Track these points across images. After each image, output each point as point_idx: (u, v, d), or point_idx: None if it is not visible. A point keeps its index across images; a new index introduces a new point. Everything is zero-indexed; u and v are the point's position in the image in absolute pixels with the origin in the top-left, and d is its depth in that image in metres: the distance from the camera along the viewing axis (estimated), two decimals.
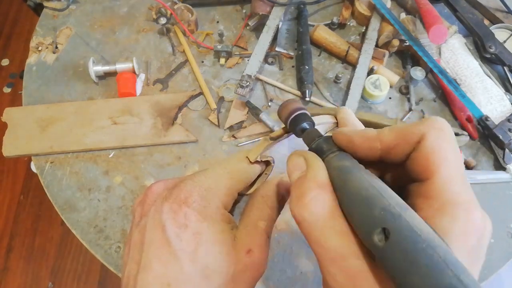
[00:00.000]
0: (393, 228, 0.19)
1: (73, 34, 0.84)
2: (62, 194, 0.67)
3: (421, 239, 0.19)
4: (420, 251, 0.18)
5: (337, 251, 0.22)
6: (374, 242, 0.20)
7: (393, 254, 0.19)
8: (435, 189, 0.23)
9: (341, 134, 0.27)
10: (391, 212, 0.20)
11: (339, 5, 0.88)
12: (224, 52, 0.79)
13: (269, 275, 0.61)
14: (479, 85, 0.74)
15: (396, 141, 0.25)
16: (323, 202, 0.24)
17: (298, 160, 0.27)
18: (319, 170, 0.25)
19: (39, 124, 0.72)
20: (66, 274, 1.49)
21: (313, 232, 0.23)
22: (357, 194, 0.22)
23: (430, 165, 0.23)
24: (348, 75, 0.79)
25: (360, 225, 0.22)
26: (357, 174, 0.24)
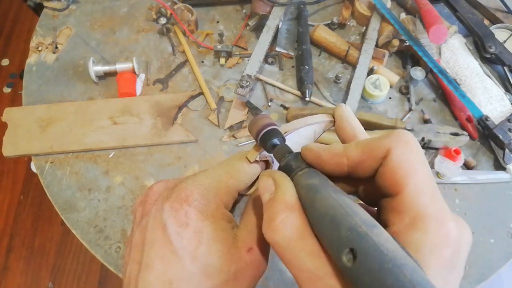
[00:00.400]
0: (359, 248, 0.19)
1: (73, 34, 0.84)
2: (62, 194, 0.67)
3: (387, 258, 0.18)
4: (386, 271, 0.18)
5: (310, 271, 0.22)
6: (343, 262, 0.20)
7: (361, 274, 0.19)
8: (404, 203, 0.22)
9: (308, 150, 0.27)
10: (357, 231, 0.20)
11: (339, 5, 0.88)
12: (224, 52, 0.79)
13: (269, 275, 0.61)
14: (479, 85, 0.74)
15: (362, 157, 0.25)
16: (291, 224, 0.23)
17: (268, 181, 0.26)
18: (287, 191, 0.25)
19: (39, 124, 0.72)
20: (66, 274, 1.49)
21: (286, 254, 0.23)
22: (324, 214, 0.22)
23: (398, 180, 0.23)
24: (348, 75, 0.79)
25: (329, 245, 0.22)
26: (324, 193, 0.23)
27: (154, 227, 0.28)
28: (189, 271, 0.26)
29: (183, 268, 0.26)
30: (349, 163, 0.25)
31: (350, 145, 0.25)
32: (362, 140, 0.25)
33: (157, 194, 0.31)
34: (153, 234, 0.28)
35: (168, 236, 0.27)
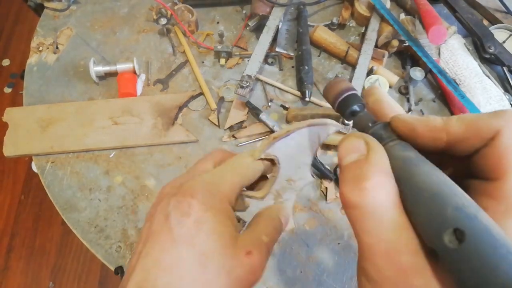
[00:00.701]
0: (469, 230, 0.18)
1: (74, 34, 0.84)
2: (62, 194, 0.68)
3: (500, 243, 0.17)
4: (500, 257, 0.17)
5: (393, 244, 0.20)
6: (444, 242, 0.18)
7: (468, 258, 0.17)
8: (504, 190, 0.21)
9: (402, 121, 0.24)
10: (465, 212, 0.18)
11: (339, 5, 0.88)
12: (224, 53, 0.79)
13: (269, 275, 0.62)
14: (478, 85, 0.75)
15: (466, 134, 0.22)
16: (388, 191, 0.22)
17: (357, 142, 0.24)
18: (383, 156, 0.23)
19: (39, 124, 0.72)
20: (67, 274, 1.49)
21: (368, 221, 0.21)
22: (425, 189, 0.20)
23: (503, 165, 0.21)
24: (347, 75, 0.80)
25: (426, 223, 0.20)
26: (425, 168, 0.21)
27: (159, 220, 0.28)
28: (185, 258, 0.26)
29: (179, 255, 0.26)
30: (449, 139, 0.23)
31: (451, 119, 0.23)
32: (466, 116, 0.23)
33: (165, 193, 0.32)
34: (157, 225, 0.28)
35: (170, 225, 0.27)
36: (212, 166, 0.34)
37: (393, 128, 0.25)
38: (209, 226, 0.27)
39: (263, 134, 0.73)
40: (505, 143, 0.21)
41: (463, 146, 0.23)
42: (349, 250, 0.64)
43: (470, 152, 0.23)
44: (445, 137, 0.23)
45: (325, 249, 0.64)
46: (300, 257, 0.63)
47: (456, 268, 0.18)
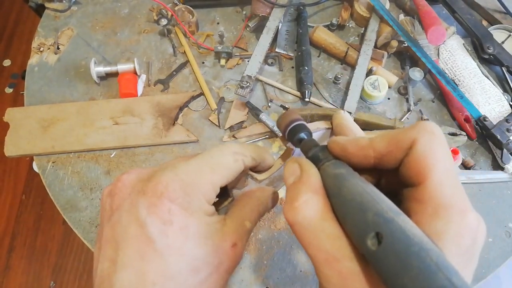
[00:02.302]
0: (386, 232, 0.20)
1: (75, 35, 0.85)
2: (63, 193, 0.68)
3: (414, 242, 0.19)
4: (412, 254, 0.19)
5: (329, 253, 0.22)
6: (367, 246, 0.20)
7: (386, 257, 0.19)
8: (428, 193, 0.23)
9: (335, 143, 0.28)
10: (384, 216, 0.21)
11: (338, 6, 0.88)
12: (225, 53, 0.80)
13: (269, 274, 0.62)
14: (477, 85, 0.75)
15: (388, 148, 0.25)
16: (315, 205, 0.24)
17: (293, 166, 0.27)
18: (312, 175, 0.26)
19: (41, 124, 0.72)
20: (68, 273, 1.50)
21: (306, 235, 0.24)
22: (351, 200, 0.23)
23: (422, 169, 0.23)
24: (347, 75, 0.80)
25: (353, 230, 0.22)
26: (352, 181, 0.24)
27: (129, 223, 0.26)
28: (175, 269, 0.25)
29: (168, 267, 0.25)
30: (375, 155, 0.26)
31: (376, 137, 0.26)
32: (388, 132, 0.26)
33: (130, 186, 0.29)
34: (129, 230, 0.26)
35: (149, 234, 0.25)
36: None
37: (329, 149, 0.29)
38: (194, 231, 0.27)
39: (263, 134, 0.73)
40: (420, 149, 0.24)
41: (388, 159, 0.25)
42: None
43: (396, 164, 0.25)
44: (372, 153, 0.26)
45: None
46: (300, 256, 0.63)
47: (379, 268, 0.20)
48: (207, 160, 0.30)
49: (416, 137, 0.24)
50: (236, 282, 0.61)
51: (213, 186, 0.29)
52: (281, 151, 0.72)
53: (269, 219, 0.66)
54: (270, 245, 0.64)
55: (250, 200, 0.33)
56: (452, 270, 0.18)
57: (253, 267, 0.62)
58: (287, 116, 0.33)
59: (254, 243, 0.64)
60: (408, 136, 0.24)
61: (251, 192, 0.34)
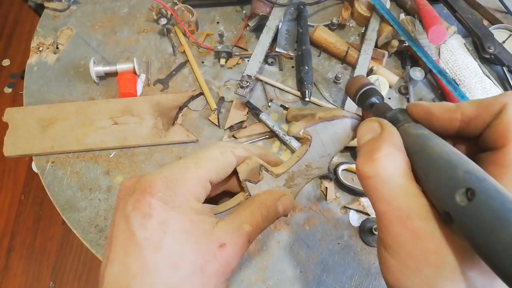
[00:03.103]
0: (479, 189, 0.19)
1: (74, 34, 0.84)
2: (63, 193, 0.68)
3: (509, 199, 0.19)
4: (509, 210, 0.18)
5: (404, 211, 0.22)
6: (457, 202, 0.20)
7: (479, 213, 0.19)
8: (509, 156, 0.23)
9: (418, 105, 0.27)
10: (475, 175, 0.20)
11: (339, 5, 0.88)
12: (224, 53, 0.79)
13: (269, 274, 0.62)
14: (478, 85, 0.75)
15: (477, 112, 0.25)
16: (397, 161, 0.24)
17: (372, 124, 0.27)
18: (394, 133, 0.25)
19: (40, 124, 0.72)
20: (67, 274, 1.50)
21: (381, 190, 0.23)
22: (438, 158, 0.22)
23: (508, 133, 0.23)
24: (347, 75, 0.80)
25: (439, 187, 0.22)
26: (437, 141, 0.24)
27: (119, 220, 0.27)
28: (152, 263, 0.25)
29: (146, 261, 0.25)
30: (463, 118, 0.25)
31: (463, 102, 0.26)
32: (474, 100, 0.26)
33: (127, 188, 0.30)
34: (119, 227, 0.27)
35: (131, 227, 0.26)
36: None
37: (409, 113, 0.28)
38: (175, 225, 0.26)
39: (263, 134, 0.73)
40: (510, 115, 0.24)
41: (476, 123, 0.25)
42: (349, 250, 0.64)
43: (483, 128, 0.25)
44: (460, 117, 0.25)
45: (325, 249, 0.64)
46: (300, 257, 0.63)
47: (468, 224, 0.19)
48: (192, 157, 0.30)
49: (506, 102, 0.24)
50: (236, 282, 0.61)
51: (199, 180, 0.29)
52: (281, 151, 0.72)
53: None
54: (270, 245, 0.64)
55: (252, 203, 0.31)
56: None
57: (253, 267, 0.62)
58: (356, 80, 0.32)
59: (254, 244, 0.64)
60: (499, 101, 0.24)
61: (256, 195, 0.32)
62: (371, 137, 0.26)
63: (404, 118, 0.28)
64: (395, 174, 0.23)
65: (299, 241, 0.64)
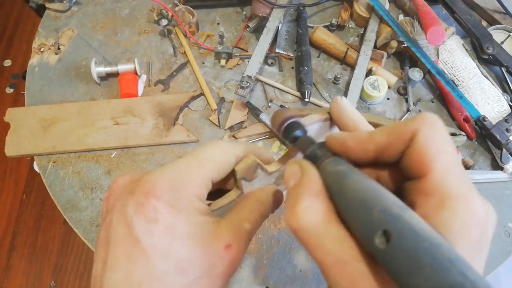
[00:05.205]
0: (394, 230, 0.19)
1: (75, 35, 0.85)
2: (64, 193, 0.68)
3: (423, 238, 0.18)
4: (423, 251, 0.18)
5: (336, 256, 0.22)
6: (376, 245, 0.19)
7: (396, 256, 0.18)
8: (432, 184, 0.22)
9: (333, 138, 0.27)
10: (390, 213, 0.20)
11: (338, 7, 0.89)
12: (225, 54, 0.80)
13: (269, 273, 0.62)
14: (477, 85, 0.75)
15: (388, 141, 0.25)
16: (317, 209, 0.23)
17: (294, 168, 0.26)
18: (312, 177, 0.25)
19: (41, 124, 0.73)
20: (69, 273, 1.50)
21: (310, 240, 0.23)
22: (354, 198, 0.22)
23: (425, 161, 0.23)
24: (347, 76, 0.80)
25: (360, 229, 0.21)
26: (353, 177, 0.23)
27: (118, 223, 0.26)
28: (161, 270, 0.25)
29: (154, 267, 0.25)
30: (375, 148, 0.25)
31: (375, 130, 0.26)
32: (387, 125, 0.25)
33: (122, 187, 0.29)
34: (118, 231, 0.26)
35: (135, 233, 0.25)
36: None
37: (328, 146, 0.27)
38: (182, 230, 0.26)
39: (263, 134, 0.73)
40: (422, 140, 0.23)
41: (389, 152, 0.25)
42: None
43: (397, 157, 0.25)
44: (372, 147, 0.25)
45: None
46: (299, 256, 0.64)
47: (389, 267, 0.19)
48: (195, 156, 0.30)
49: (417, 128, 0.23)
50: (236, 281, 0.62)
51: (203, 181, 0.28)
52: (281, 151, 0.72)
53: (269, 219, 0.66)
54: (270, 244, 0.64)
55: (249, 201, 0.31)
56: (465, 264, 0.17)
57: (253, 267, 0.63)
58: (280, 114, 0.31)
59: (254, 243, 0.64)
60: (409, 127, 0.24)
61: (251, 193, 0.32)
62: (293, 184, 0.25)
63: (323, 154, 0.27)
64: (318, 223, 0.23)
65: None
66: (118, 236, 0.26)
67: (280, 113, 0.32)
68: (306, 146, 0.29)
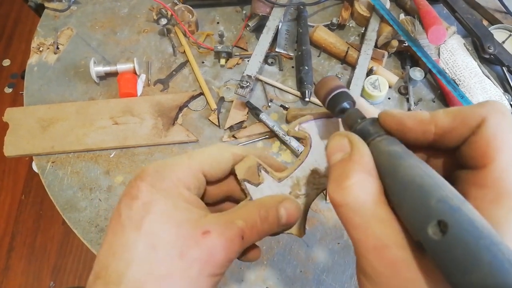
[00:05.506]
0: (452, 221, 0.18)
1: (74, 34, 0.85)
2: (63, 193, 0.68)
3: (484, 235, 0.17)
4: (483, 248, 0.17)
5: (379, 239, 0.21)
6: (429, 235, 0.18)
7: (451, 249, 0.17)
8: (491, 177, 0.21)
9: (390, 116, 0.25)
10: (449, 204, 0.19)
11: (339, 6, 0.88)
12: (224, 53, 0.79)
13: (269, 274, 0.62)
14: (478, 85, 0.75)
15: (453, 125, 0.23)
16: (368, 187, 0.22)
17: (342, 141, 0.25)
18: (365, 153, 0.24)
19: (40, 124, 0.72)
20: (67, 274, 1.50)
21: (354, 218, 0.22)
22: (410, 182, 0.21)
23: (489, 151, 0.21)
24: (347, 75, 0.80)
25: (411, 216, 0.20)
26: (410, 161, 0.22)
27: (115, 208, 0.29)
28: (131, 240, 0.26)
29: (127, 239, 0.26)
30: (437, 131, 0.23)
31: (438, 112, 0.24)
32: (452, 108, 0.23)
33: None
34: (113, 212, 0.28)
35: (119, 209, 0.27)
36: None
37: (381, 123, 0.25)
38: (158, 208, 0.27)
39: (263, 134, 0.73)
40: (490, 130, 0.21)
41: (451, 136, 0.23)
42: (348, 250, 0.64)
43: (459, 142, 0.23)
44: (434, 129, 0.23)
45: (324, 248, 0.64)
46: (300, 257, 0.63)
47: (441, 259, 0.18)
48: (189, 152, 0.31)
49: (486, 115, 0.22)
50: (236, 282, 0.61)
51: (191, 170, 0.29)
52: (281, 151, 0.72)
53: None
54: (270, 245, 0.64)
55: (250, 203, 0.30)
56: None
57: (253, 267, 0.62)
58: (327, 82, 0.29)
59: None
60: (477, 113, 0.22)
61: (258, 198, 0.31)
62: (341, 158, 0.24)
63: (375, 131, 0.25)
64: (367, 202, 0.22)
65: (299, 241, 0.64)
66: (111, 217, 0.28)
67: (326, 81, 0.29)
68: (355, 120, 0.26)
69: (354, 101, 0.28)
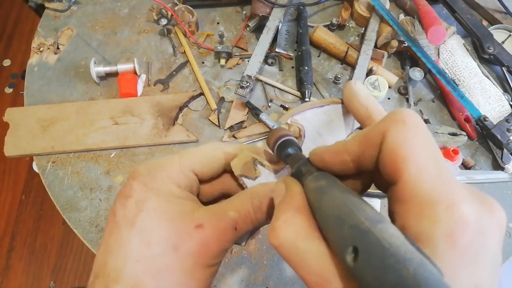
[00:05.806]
0: (361, 246, 0.18)
1: (75, 35, 0.85)
2: (63, 193, 0.68)
3: (389, 254, 0.17)
4: (387, 268, 0.17)
5: (317, 274, 0.20)
6: (347, 262, 0.18)
7: (363, 273, 0.18)
8: (406, 191, 0.20)
9: (313, 154, 0.26)
10: (359, 228, 0.19)
11: (339, 6, 0.88)
12: (225, 53, 0.80)
13: (269, 274, 0.62)
14: (478, 85, 0.75)
15: (360, 149, 0.23)
16: (296, 224, 0.22)
17: (280, 186, 0.26)
18: (295, 193, 0.24)
19: (40, 124, 0.72)
20: (68, 273, 1.50)
21: (291, 257, 0.22)
22: (330, 215, 0.21)
23: (397, 165, 0.20)
24: (347, 75, 0.80)
25: (334, 246, 0.20)
26: (330, 193, 0.22)
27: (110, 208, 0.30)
28: (126, 238, 0.26)
29: (121, 236, 0.27)
30: (352, 158, 0.23)
31: (350, 139, 0.24)
32: (360, 131, 0.23)
33: None
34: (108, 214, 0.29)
35: (114, 209, 0.28)
36: None
37: (311, 162, 0.27)
38: (151, 204, 0.27)
39: (263, 134, 0.73)
40: (391, 144, 0.21)
41: (364, 160, 0.23)
42: None
43: (373, 164, 0.23)
44: (348, 157, 0.24)
45: None
46: None
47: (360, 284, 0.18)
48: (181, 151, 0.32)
49: (385, 129, 0.21)
50: (236, 282, 0.61)
51: (181, 168, 0.30)
52: None
53: None
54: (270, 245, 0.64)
55: (243, 192, 0.30)
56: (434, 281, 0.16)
57: (253, 267, 0.62)
58: (274, 133, 0.31)
59: (254, 243, 0.64)
60: (377, 130, 0.22)
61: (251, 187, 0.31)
62: (278, 202, 0.24)
63: (307, 170, 0.26)
64: (297, 239, 0.21)
65: None
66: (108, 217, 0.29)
67: (274, 132, 0.31)
68: (295, 163, 0.28)
69: (299, 147, 0.30)
